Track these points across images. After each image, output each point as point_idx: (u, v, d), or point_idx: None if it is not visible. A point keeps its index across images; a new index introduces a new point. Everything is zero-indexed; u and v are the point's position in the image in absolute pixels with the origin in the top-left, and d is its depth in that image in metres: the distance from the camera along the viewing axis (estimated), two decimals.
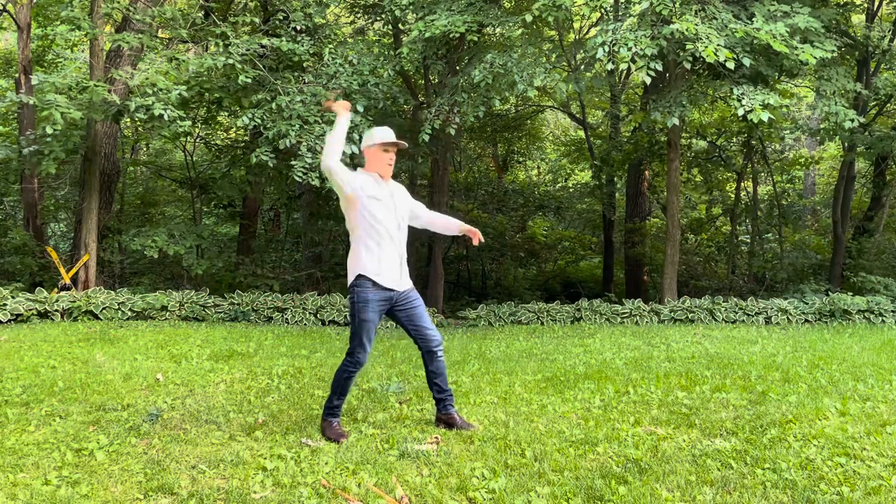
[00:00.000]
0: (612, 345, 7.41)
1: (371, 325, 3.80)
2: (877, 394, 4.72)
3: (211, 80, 10.03)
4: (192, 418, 4.19)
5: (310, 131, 9.14)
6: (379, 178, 3.92)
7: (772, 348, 7.03)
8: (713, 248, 15.82)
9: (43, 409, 4.35)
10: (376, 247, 3.81)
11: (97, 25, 9.68)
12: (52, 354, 6.22)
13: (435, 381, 3.97)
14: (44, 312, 8.93)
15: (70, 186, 13.89)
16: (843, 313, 9.66)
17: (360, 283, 3.80)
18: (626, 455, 3.52)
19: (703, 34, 7.77)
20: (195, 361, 6.09)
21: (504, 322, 10.08)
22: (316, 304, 9.83)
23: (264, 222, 16.01)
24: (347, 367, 3.85)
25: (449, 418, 3.98)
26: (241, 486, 3.15)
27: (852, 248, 12.80)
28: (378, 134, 3.93)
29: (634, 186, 16.04)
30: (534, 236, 17.87)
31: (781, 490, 3.08)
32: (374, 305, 3.79)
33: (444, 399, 4.00)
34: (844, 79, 9.35)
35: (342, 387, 3.90)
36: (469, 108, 9.38)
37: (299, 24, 10.11)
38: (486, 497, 3.05)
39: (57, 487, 3.12)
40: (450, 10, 9.27)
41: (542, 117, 19.28)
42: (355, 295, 3.81)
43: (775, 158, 15.19)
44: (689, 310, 9.94)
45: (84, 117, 9.14)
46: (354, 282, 3.83)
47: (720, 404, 4.48)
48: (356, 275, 3.82)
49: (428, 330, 3.91)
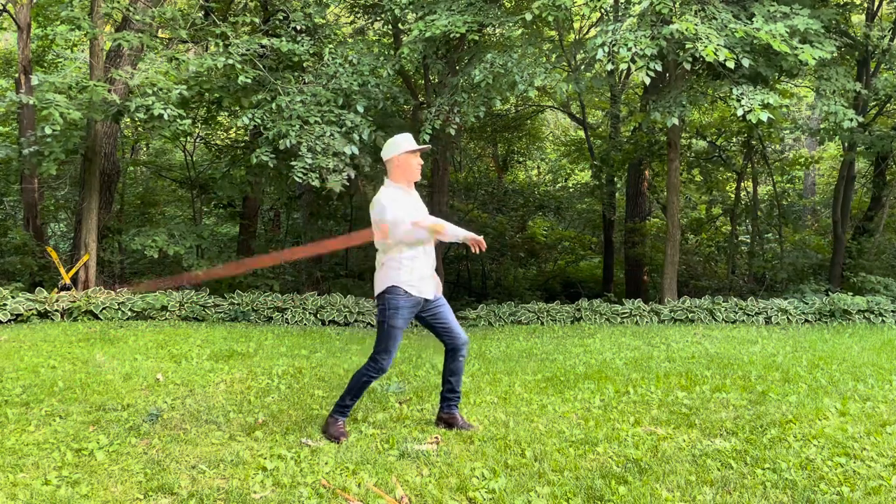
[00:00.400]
0: (612, 345, 7.41)
1: (399, 332, 3.76)
2: (877, 394, 4.72)
3: (211, 80, 10.03)
4: (192, 418, 4.19)
5: (310, 131, 9.13)
6: (407, 187, 3.84)
7: (772, 348, 7.03)
8: (713, 248, 15.82)
9: (43, 409, 4.35)
10: (411, 261, 3.73)
11: (97, 25, 9.68)
12: (52, 354, 6.22)
13: (450, 378, 3.95)
14: (44, 312, 8.93)
15: (70, 186, 13.88)
16: (843, 313, 9.66)
17: (392, 292, 3.72)
18: (626, 455, 3.52)
19: (702, 34, 7.77)
20: (195, 361, 6.09)
21: (504, 322, 10.08)
22: (316, 304, 9.82)
23: (264, 222, 16.01)
24: (369, 371, 3.80)
25: (451, 418, 3.98)
26: (241, 486, 3.15)
27: (852, 248, 12.80)
28: (405, 142, 3.82)
29: (634, 186, 16.04)
30: (534, 236, 17.87)
31: (781, 490, 3.08)
32: (405, 312, 3.75)
33: (451, 399, 3.98)
34: (844, 79, 9.34)
35: (359, 389, 3.85)
36: (469, 108, 9.38)
37: (299, 24, 10.11)
38: (486, 497, 3.05)
39: (57, 487, 3.12)
40: (450, 9, 9.28)
41: (542, 117, 19.28)
42: (386, 302, 3.73)
43: (775, 158, 15.19)
44: (689, 310, 9.94)
45: (84, 117, 9.14)
46: (386, 290, 3.74)
47: (720, 404, 4.48)
48: (390, 285, 3.73)
49: (455, 329, 3.89)
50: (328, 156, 9.00)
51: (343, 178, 9.21)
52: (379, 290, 3.78)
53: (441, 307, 3.89)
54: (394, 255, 3.73)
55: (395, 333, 3.75)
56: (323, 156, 8.99)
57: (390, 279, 3.73)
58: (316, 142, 9.05)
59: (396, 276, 3.72)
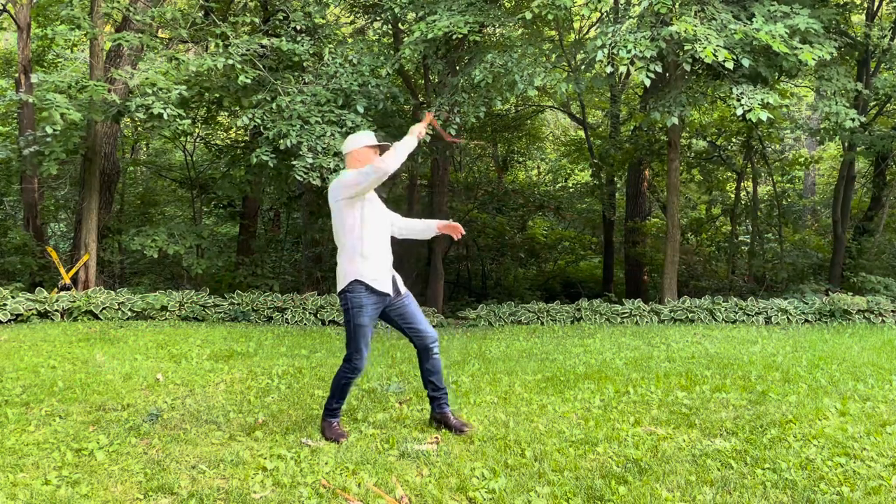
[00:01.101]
0: (612, 345, 7.41)
1: (367, 329, 3.76)
2: (877, 394, 4.72)
3: (211, 80, 10.03)
4: (192, 418, 4.19)
5: (310, 131, 9.13)
6: None
7: (772, 348, 7.03)
8: (713, 248, 15.82)
9: (43, 409, 4.35)
10: (372, 251, 3.75)
11: (97, 25, 9.68)
12: (52, 354, 6.22)
13: (430, 378, 3.92)
14: (44, 312, 8.93)
15: (70, 186, 13.89)
16: (843, 313, 9.66)
17: (353, 289, 3.74)
18: (626, 455, 3.52)
19: (701, 35, 7.77)
20: (195, 361, 6.09)
21: (504, 322, 10.08)
22: (316, 304, 9.83)
23: (264, 222, 16.01)
24: (346, 373, 3.81)
25: (443, 417, 3.95)
26: (241, 486, 3.15)
27: (852, 248, 12.80)
28: (365, 137, 3.93)
29: (634, 186, 16.04)
30: (534, 236, 17.87)
31: (781, 490, 3.08)
32: (370, 310, 3.75)
33: (438, 398, 3.96)
34: (845, 79, 9.34)
35: (341, 391, 3.87)
36: (469, 108, 9.38)
37: (299, 24, 10.11)
38: (486, 497, 3.05)
39: (57, 487, 3.12)
40: (450, 9, 9.27)
41: (542, 117, 19.27)
42: (348, 300, 3.74)
43: (775, 158, 15.19)
44: (689, 310, 9.94)
45: (84, 118, 9.14)
46: (347, 287, 3.75)
47: (720, 404, 4.48)
48: (350, 280, 3.75)
49: (422, 326, 3.87)
50: (329, 156, 9.00)
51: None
52: (341, 286, 3.79)
53: (406, 305, 3.88)
54: (352, 248, 3.74)
55: (363, 331, 3.75)
56: (324, 156, 8.99)
57: (350, 274, 3.74)
58: (316, 142, 9.06)
59: (358, 270, 3.73)
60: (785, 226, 14.61)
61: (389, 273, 3.86)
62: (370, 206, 3.80)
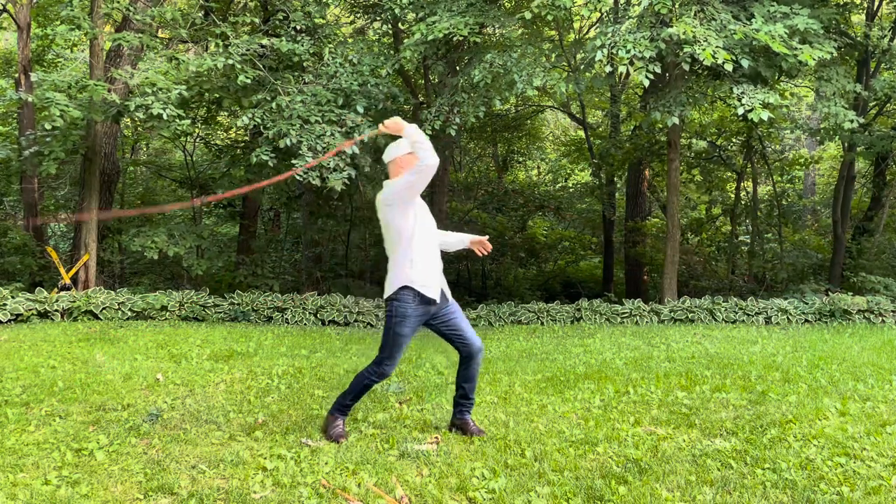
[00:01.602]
0: (612, 345, 7.41)
1: (405, 340, 3.70)
2: (877, 394, 4.72)
3: (211, 80, 10.03)
4: (192, 418, 4.19)
5: (310, 131, 9.13)
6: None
7: (772, 348, 7.03)
8: (713, 248, 15.82)
9: (43, 409, 4.35)
10: (422, 257, 3.69)
11: (97, 25, 9.68)
12: (52, 354, 6.22)
13: (463, 384, 3.89)
14: (44, 312, 8.93)
15: (70, 186, 13.89)
16: (843, 313, 9.66)
17: (401, 297, 3.66)
18: (626, 455, 3.52)
19: (700, 36, 7.77)
20: (195, 361, 6.09)
21: (504, 322, 10.08)
22: (316, 304, 9.82)
23: (264, 222, 16.02)
24: (371, 375, 3.76)
25: (463, 423, 3.93)
26: (241, 486, 3.15)
27: (852, 248, 12.80)
28: (406, 144, 3.78)
29: (634, 186, 16.04)
30: (534, 236, 17.87)
31: (781, 490, 3.08)
32: (413, 321, 3.68)
33: (464, 405, 3.93)
34: (844, 79, 9.34)
35: (360, 391, 3.83)
36: (469, 109, 9.38)
37: (299, 24, 10.11)
38: (486, 497, 3.05)
39: (57, 487, 3.12)
40: (450, 10, 9.27)
41: (542, 117, 19.28)
42: (394, 308, 3.67)
43: (775, 158, 15.19)
44: (689, 310, 9.94)
45: (84, 117, 9.14)
46: (395, 294, 3.68)
47: (720, 404, 4.48)
48: (400, 286, 3.67)
49: (469, 335, 3.82)
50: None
51: (344, 177, 9.22)
52: (389, 292, 3.71)
53: (453, 313, 3.82)
54: (403, 255, 3.67)
55: (401, 341, 3.69)
56: (323, 155, 8.99)
57: (400, 279, 3.67)
58: (316, 141, 9.06)
59: (407, 276, 3.66)
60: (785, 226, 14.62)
61: (439, 280, 3.80)
62: (422, 212, 3.75)
